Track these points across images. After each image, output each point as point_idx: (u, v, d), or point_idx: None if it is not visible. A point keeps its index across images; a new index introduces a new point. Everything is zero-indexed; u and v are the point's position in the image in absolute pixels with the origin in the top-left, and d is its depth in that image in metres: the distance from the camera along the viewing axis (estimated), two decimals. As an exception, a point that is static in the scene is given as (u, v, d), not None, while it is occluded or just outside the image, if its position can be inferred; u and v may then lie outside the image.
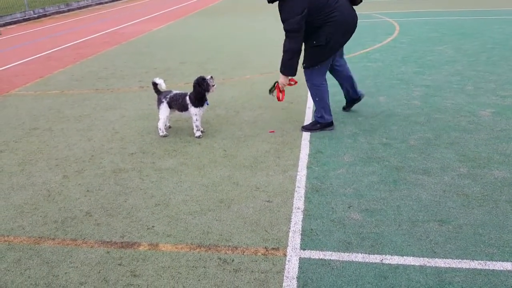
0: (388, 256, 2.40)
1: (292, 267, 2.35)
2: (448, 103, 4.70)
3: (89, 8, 18.94)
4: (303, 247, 2.51)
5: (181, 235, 2.68)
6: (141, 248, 2.59)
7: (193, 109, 4.04)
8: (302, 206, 2.92)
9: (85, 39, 10.60)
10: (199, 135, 4.16)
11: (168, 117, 4.21)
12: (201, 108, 4.06)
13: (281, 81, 3.94)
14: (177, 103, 4.08)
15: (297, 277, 2.28)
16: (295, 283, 2.23)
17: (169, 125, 4.46)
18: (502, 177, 3.15)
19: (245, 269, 2.36)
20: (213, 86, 3.99)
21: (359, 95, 4.44)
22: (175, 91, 4.16)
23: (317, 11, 3.57)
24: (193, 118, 4.11)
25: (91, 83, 6.42)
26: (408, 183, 3.14)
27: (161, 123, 4.19)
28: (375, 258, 2.39)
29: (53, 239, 2.71)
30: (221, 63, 7.21)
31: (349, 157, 3.58)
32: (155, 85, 4.17)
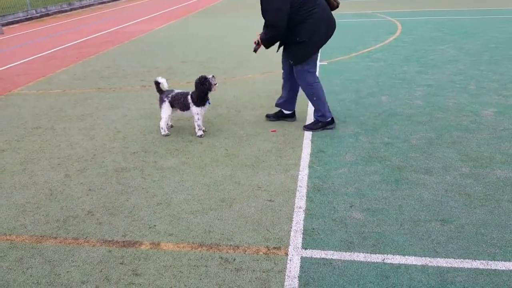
0: (390, 255, 2.40)
1: (293, 267, 2.35)
2: (450, 103, 4.69)
3: (91, 7, 18.97)
4: (305, 247, 2.51)
5: (182, 234, 2.69)
6: (142, 247, 2.59)
7: (195, 109, 4.04)
8: (303, 205, 2.92)
9: (87, 38, 10.62)
10: (201, 134, 4.16)
11: (170, 116, 4.21)
12: (203, 107, 4.06)
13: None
14: (179, 103, 4.09)
15: (298, 277, 2.27)
16: (296, 283, 2.23)
17: (171, 124, 4.46)
18: (504, 177, 3.15)
19: (247, 268, 2.36)
20: (215, 85, 3.99)
21: (293, 112, 4.40)
22: (177, 90, 4.17)
23: (299, 7, 3.65)
24: (195, 117, 4.11)
25: (93, 82, 6.43)
26: (410, 182, 3.14)
27: (163, 122, 4.20)
28: (377, 257, 2.39)
29: (55, 238, 2.72)
30: (222, 63, 7.22)
31: (351, 157, 3.58)
32: (158, 84, 4.17)
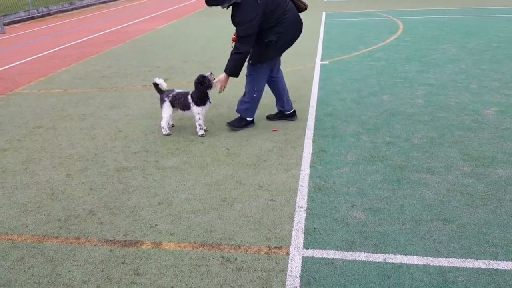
0: (391, 255, 2.39)
1: (295, 266, 2.35)
2: (452, 102, 4.68)
3: (93, 6, 18.98)
4: (306, 246, 2.50)
5: (184, 234, 2.69)
6: (144, 246, 2.59)
7: (195, 108, 4.04)
8: (305, 205, 2.92)
9: (89, 37, 10.63)
10: (202, 134, 4.16)
11: (171, 116, 4.21)
12: (203, 106, 4.06)
13: (223, 80, 3.94)
14: (179, 102, 4.09)
15: (300, 276, 2.27)
16: (298, 282, 2.23)
17: (172, 123, 4.46)
18: (506, 176, 3.14)
19: (248, 267, 2.36)
20: (214, 81, 4.00)
21: (293, 109, 4.43)
22: (177, 90, 4.17)
23: (270, 14, 3.72)
24: (196, 117, 4.11)
25: (95, 82, 6.43)
26: (411, 182, 3.13)
27: (164, 122, 4.19)
28: (378, 257, 2.38)
29: (57, 238, 2.72)
30: (223, 62, 7.12)
31: (352, 156, 3.57)
32: (156, 85, 4.18)
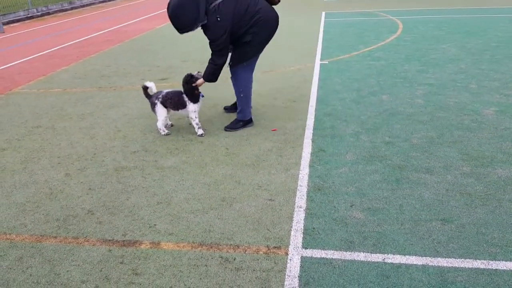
0: (390, 255, 2.39)
1: (294, 266, 2.35)
2: (451, 102, 4.68)
3: (92, 6, 18.97)
4: (305, 246, 2.50)
5: (183, 234, 2.68)
6: (143, 246, 2.59)
7: (192, 106, 4.04)
8: (304, 204, 2.92)
9: (88, 37, 10.62)
10: (201, 134, 4.15)
11: (167, 116, 4.20)
12: (198, 103, 4.07)
13: (199, 84, 4.01)
14: (172, 102, 4.06)
15: (299, 276, 2.27)
16: (296, 282, 2.23)
17: (171, 123, 4.45)
18: (505, 176, 3.13)
19: (247, 267, 2.36)
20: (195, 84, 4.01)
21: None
22: (166, 90, 4.15)
23: (240, 21, 3.75)
24: (192, 115, 4.09)
25: (94, 81, 6.43)
26: (410, 182, 3.13)
27: (160, 123, 4.17)
28: (377, 257, 2.38)
29: (55, 237, 2.72)
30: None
31: (352, 156, 3.57)
32: (146, 88, 4.16)
